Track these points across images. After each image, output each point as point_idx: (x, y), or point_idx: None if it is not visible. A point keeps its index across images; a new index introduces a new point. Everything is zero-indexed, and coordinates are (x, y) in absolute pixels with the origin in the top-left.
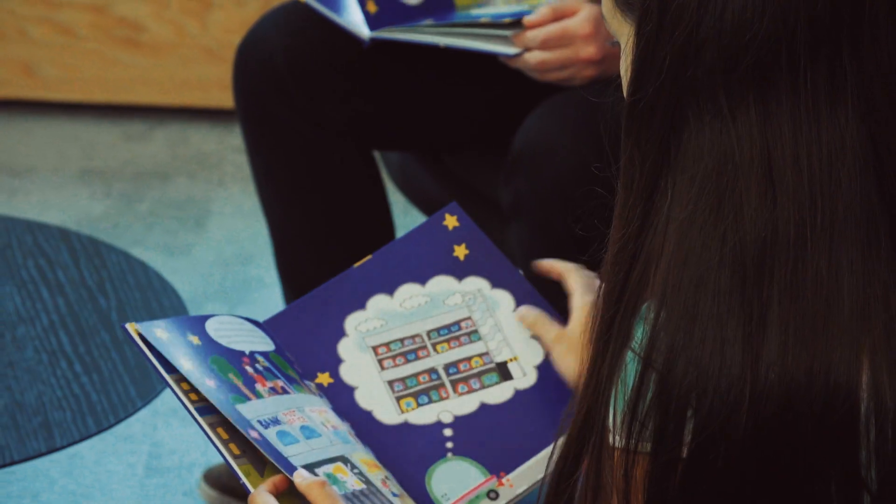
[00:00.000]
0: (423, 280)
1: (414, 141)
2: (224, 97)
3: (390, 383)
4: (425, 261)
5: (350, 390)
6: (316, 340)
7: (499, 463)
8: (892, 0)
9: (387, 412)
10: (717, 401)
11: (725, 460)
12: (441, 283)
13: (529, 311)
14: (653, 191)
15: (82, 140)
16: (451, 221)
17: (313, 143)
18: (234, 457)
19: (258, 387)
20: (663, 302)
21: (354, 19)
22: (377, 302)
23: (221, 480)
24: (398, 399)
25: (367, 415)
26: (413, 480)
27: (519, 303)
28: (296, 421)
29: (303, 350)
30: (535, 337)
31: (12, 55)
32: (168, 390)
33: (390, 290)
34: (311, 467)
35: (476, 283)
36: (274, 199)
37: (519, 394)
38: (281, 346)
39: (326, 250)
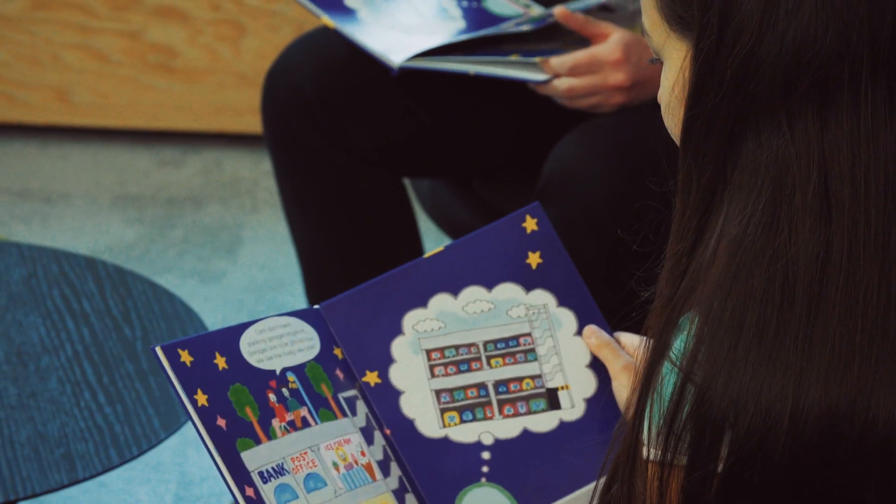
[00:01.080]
0: (490, 284)
1: (443, 168)
2: (257, 123)
3: (437, 393)
4: (496, 263)
5: (396, 394)
6: (371, 333)
7: (531, 497)
8: None
9: (429, 424)
10: (756, 418)
11: (762, 478)
12: (508, 291)
13: (599, 336)
14: (708, 205)
15: (116, 166)
16: (530, 224)
17: (342, 170)
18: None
19: (274, 423)
20: (708, 315)
21: (384, 47)
22: (439, 301)
23: None
24: (442, 412)
25: (409, 423)
26: (443, 501)
27: (582, 325)
28: (303, 468)
29: (356, 341)
30: (593, 366)
31: (47, 81)
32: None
33: (455, 290)
34: None
35: (543, 298)
36: (303, 226)
37: (564, 426)
38: (331, 340)
39: (356, 277)
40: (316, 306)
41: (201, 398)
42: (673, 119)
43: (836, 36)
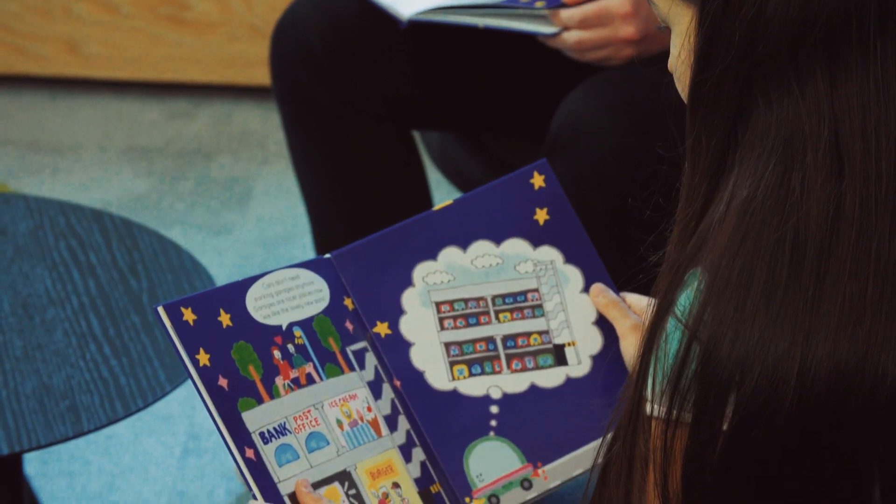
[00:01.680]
0: (498, 239)
1: (452, 121)
2: (268, 75)
3: (447, 346)
4: (504, 219)
5: (406, 346)
6: (382, 284)
7: (538, 452)
8: None
9: (438, 376)
10: (763, 378)
11: (767, 437)
12: (515, 247)
13: (607, 295)
14: (718, 169)
15: (126, 118)
16: (538, 180)
17: (350, 124)
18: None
19: (278, 381)
20: (716, 275)
21: (393, 0)
22: (449, 254)
23: None
24: (452, 364)
25: (419, 375)
26: (451, 454)
27: (588, 282)
28: (305, 427)
29: (367, 291)
30: (599, 323)
31: (57, 33)
32: None
33: (464, 244)
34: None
35: (550, 254)
36: (311, 180)
37: (570, 381)
38: (341, 290)
39: (365, 230)
40: (327, 255)
41: (203, 357)
42: (681, 85)
43: None
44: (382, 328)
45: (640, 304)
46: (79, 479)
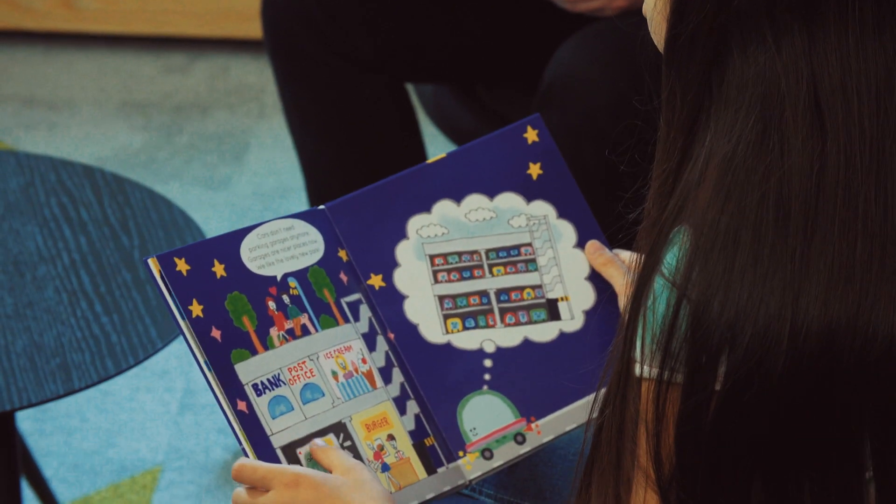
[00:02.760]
0: (492, 193)
1: (444, 73)
2: None
3: (441, 298)
4: (498, 173)
5: (401, 299)
6: (377, 236)
7: (531, 407)
8: None
9: (432, 329)
10: (755, 339)
11: (760, 397)
12: (509, 201)
13: (603, 253)
14: (694, 124)
15: (122, 73)
16: (531, 135)
17: (342, 77)
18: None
19: (272, 332)
20: (701, 235)
21: None
22: (443, 207)
23: None
24: (445, 318)
25: (413, 328)
26: (445, 407)
27: (581, 237)
28: (300, 378)
29: (362, 243)
30: (592, 279)
31: None
32: None
33: (458, 197)
34: (293, 445)
35: (543, 209)
36: (305, 133)
37: (563, 336)
38: (335, 242)
39: (358, 184)
40: (321, 206)
41: (196, 308)
42: (657, 36)
43: None
44: (377, 280)
45: (633, 259)
46: (75, 435)
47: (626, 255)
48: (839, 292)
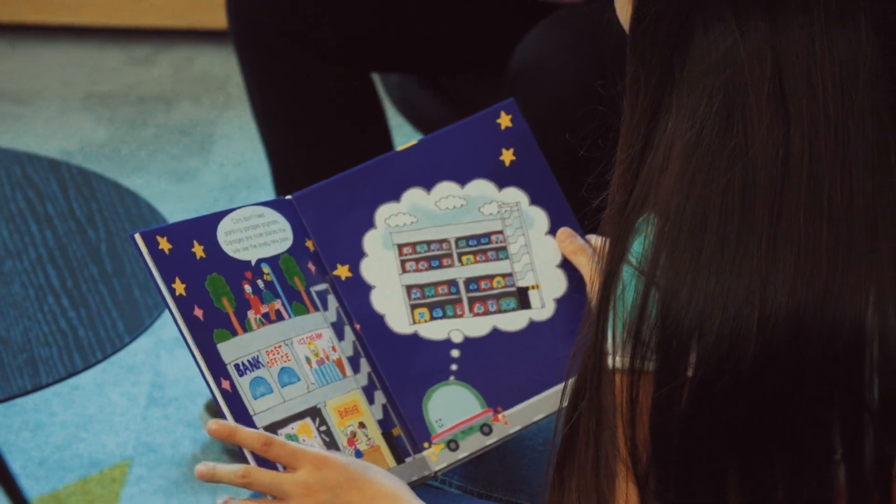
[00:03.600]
0: (463, 180)
1: (410, 63)
2: None
3: (408, 288)
4: (470, 159)
5: (367, 289)
6: (343, 226)
7: (498, 397)
8: None
9: (399, 320)
10: (724, 326)
11: (732, 384)
12: (480, 188)
13: (573, 240)
14: (657, 109)
15: (87, 64)
16: (504, 120)
17: (308, 67)
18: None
19: (250, 315)
20: (667, 222)
21: None
22: (412, 196)
23: None
24: (413, 308)
25: (380, 319)
26: (411, 399)
27: (554, 224)
28: (277, 361)
29: (328, 234)
30: (564, 266)
31: None
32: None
33: (428, 185)
34: (274, 427)
35: (515, 196)
36: (270, 123)
37: (533, 325)
38: (303, 232)
39: (325, 174)
40: (288, 196)
41: (179, 287)
42: (623, 17)
43: None
44: (343, 271)
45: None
46: (43, 430)
47: (598, 242)
48: (806, 279)
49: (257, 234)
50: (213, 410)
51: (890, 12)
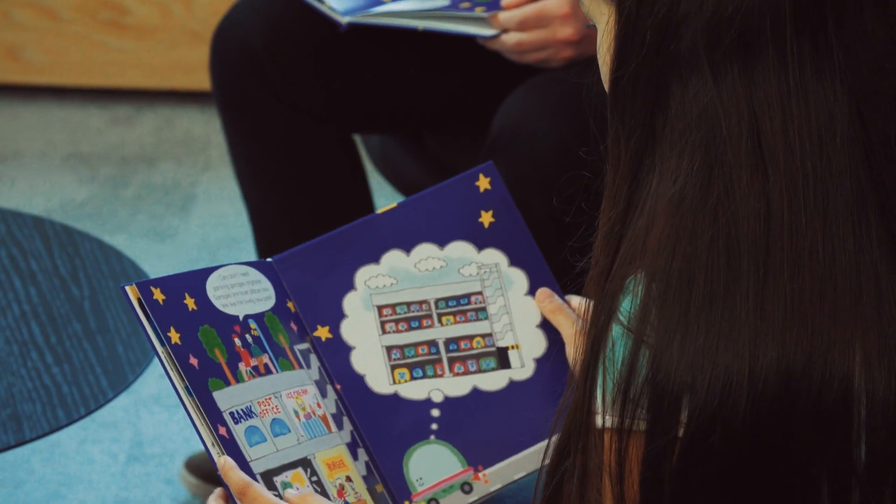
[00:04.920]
0: (442, 242)
1: (393, 124)
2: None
3: (388, 349)
4: (449, 221)
5: (347, 350)
6: (323, 288)
7: (479, 455)
8: None
9: (379, 380)
10: (715, 382)
11: (724, 442)
12: (460, 249)
13: (552, 300)
14: (638, 169)
15: (69, 125)
16: (483, 183)
17: (291, 128)
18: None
19: (241, 367)
20: (654, 278)
21: (332, 4)
22: (392, 258)
23: (203, 468)
24: (393, 368)
25: (360, 379)
26: (391, 458)
27: (533, 285)
28: (268, 412)
29: (308, 296)
30: (544, 326)
31: None
32: (141, 379)
33: (408, 248)
34: (270, 474)
35: (494, 257)
36: (253, 184)
37: (513, 385)
38: (284, 293)
39: (306, 235)
40: (269, 259)
41: (174, 336)
42: (605, 79)
43: None
44: (323, 332)
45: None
46: (23, 487)
47: (578, 302)
48: (794, 335)
49: (243, 291)
50: (193, 468)
51: (862, 71)
